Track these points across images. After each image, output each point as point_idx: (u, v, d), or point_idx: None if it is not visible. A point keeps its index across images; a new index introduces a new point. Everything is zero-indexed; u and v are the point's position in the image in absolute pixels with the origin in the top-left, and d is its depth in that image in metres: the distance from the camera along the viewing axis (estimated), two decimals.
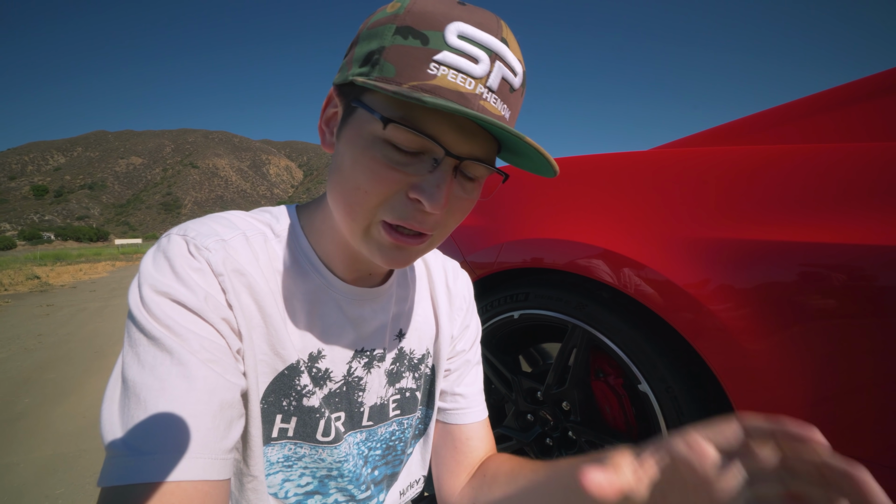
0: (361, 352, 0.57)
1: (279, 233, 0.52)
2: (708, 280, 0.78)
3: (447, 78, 0.38)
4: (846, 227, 0.68)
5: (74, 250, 43.41)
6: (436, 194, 0.41)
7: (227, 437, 0.40)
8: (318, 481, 0.55)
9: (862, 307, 0.64)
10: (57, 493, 1.61)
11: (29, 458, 1.86)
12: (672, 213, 0.88)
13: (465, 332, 0.69)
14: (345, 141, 0.44)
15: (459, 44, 0.38)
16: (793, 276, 0.70)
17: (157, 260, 0.43)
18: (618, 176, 1.04)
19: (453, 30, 0.38)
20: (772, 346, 0.71)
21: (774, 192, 0.77)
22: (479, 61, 0.38)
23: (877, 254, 0.63)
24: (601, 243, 0.94)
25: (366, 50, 0.41)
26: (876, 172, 0.70)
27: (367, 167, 0.41)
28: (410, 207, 0.43)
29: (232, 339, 0.44)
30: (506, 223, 1.21)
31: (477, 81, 0.39)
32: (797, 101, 0.98)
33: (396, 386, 0.62)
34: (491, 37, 0.39)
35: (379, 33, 0.40)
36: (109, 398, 0.38)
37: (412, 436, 0.65)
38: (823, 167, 0.75)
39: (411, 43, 0.38)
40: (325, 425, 0.54)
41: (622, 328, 0.94)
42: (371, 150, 0.41)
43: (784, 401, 0.71)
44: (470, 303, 0.70)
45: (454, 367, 0.68)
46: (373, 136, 0.41)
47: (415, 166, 0.41)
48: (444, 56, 0.38)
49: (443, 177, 0.41)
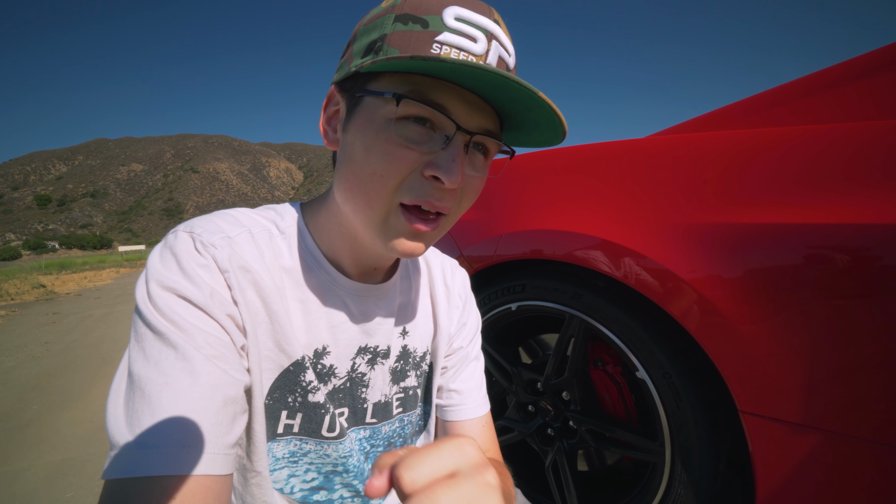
0: (365, 348, 0.57)
1: (284, 230, 0.53)
2: (703, 266, 0.78)
3: (451, 56, 0.40)
4: (843, 207, 0.67)
5: (79, 258, 43.59)
6: (452, 168, 0.42)
7: (230, 433, 0.40)
8: (323, 477, 0.56)
9: (859, 288, 0.64)
10: (67, 496, 1.62)
11: (38, 463, 1.88)
12: (667, 200, 0.88)
13: (462, 328, 0.69)
14: (354, 131, 0.45)
15: (457, 25, 0.40)
16: (789, 258, 0.70)
17: (164, 256, 0.44)
18: (613, 164, 1.04)
19: (450, 13, 0.40)
20: (769, 330, 0.71)
21: (770, 174, 0.77)
22: (476, 40, 0.41)
23: (874, 233, 0.63)
24: (599, 233, 0.94)
25: (366, 42, 0.43)
26: (871, 151, 0.70)
27: (382, 149, 0.42)
28: (428, 185, 0.43)
29: (237, 335, 0.45)
30: (503, 215, 1.21)
31: (477, 59, 0.41)
32: (788, 84, 0.97)
33: (401, 384, 0.62)
34: (485, 18, 0.42)
35: (378, 25, 0.42)
36: (115, 392, 0.39)
37: (412, 432, 0.65)
38: (818, 148, 0.75)
39: (412, 28, 0.40)
40: (330, 421, 0.54)
41: (619, 317, 0.95)
42: (384, 132, 0.42)
43: (781, 384, 0.71)
44: (467, 299, 0.70)
45: (451, 364, 0.68)
46: (384, 119, 0.42)
47: (428, 144, 0.42)
48: (445, 36, 0.40)
49: (456, 151, 0.42)
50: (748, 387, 0.74)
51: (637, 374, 0.92)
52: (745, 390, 0.75)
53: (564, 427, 1.11)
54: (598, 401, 1.08)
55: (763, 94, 1.02)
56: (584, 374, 1.07)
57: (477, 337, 0.71)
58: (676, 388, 0.87)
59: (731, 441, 0.86)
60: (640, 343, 0.92)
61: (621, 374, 1.08)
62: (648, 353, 0.90)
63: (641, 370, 0.91)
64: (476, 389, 0.68)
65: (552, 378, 1.10)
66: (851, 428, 0.66)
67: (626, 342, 0.94)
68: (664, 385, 0.88)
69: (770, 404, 0.72)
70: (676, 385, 0.87)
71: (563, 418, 1.11)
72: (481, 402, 0.68)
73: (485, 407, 0.68)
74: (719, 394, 0.84)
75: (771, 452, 0.73)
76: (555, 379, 1.09)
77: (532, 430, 1.16)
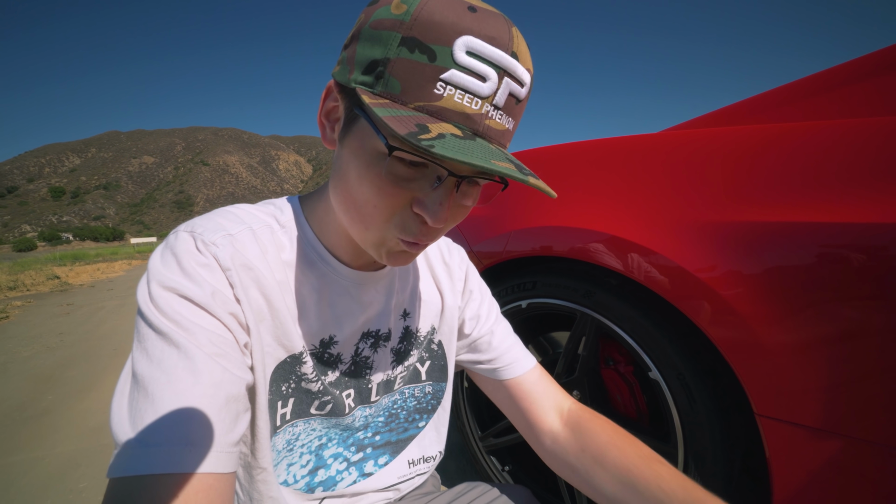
0: (368, 333, 0.59)
1: (284, 223, 0.53)
2: (719, 264, 0.76)
3: (454, 99, 0.37)
4: (866, 205, 0.65)
5: (92, 250, 44.36)
6: (439, 211, 0.42)
7: (232, 431, 0.40)
8: (315, 456, 0.57)
9: (881, 288, 0.62)
10: (81, 486, 1.66)
11: (53, 452, 1.92)
12: (680, 196, 0.86)
13: (469, 300, 0.69)
14: (348, 150, 0.44)
15: (468, 61, 0.36)
16: (809, 258, 0.67)
17: (165, 256, 0.44)
18: (625, 160, 1.01)
19: (462, 45, 0.36)
20: (787, 331, 0.69)
21: (789, 172, 0.74)
22: (486, 79, 0.37)
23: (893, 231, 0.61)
24: (611, 230, 0.92)
25: (369, 55, 0.39)
26: (887, 145, 0.67)
27: (373, 183, 0.42)
28: (417, 222, 0.44)
29: (239, 333, 0.45)
30: (513, 211, 1.19)
31: (483, 101, 0.38)
32: (798, 82, 0.94)
33: (405, 364, 0.64)
34: (501, 52, 0.37)
35: (383, 39, 0.38)
36: (120, 392, 0.39)
37: (418, 408, 0.67)
38: (834, 143, 0.72)
39: (417, 58, 0.37)
40: (336, 403, 0.56)
41: (631, 315, 0.93)
42: (375, 167, 0.41)
43: (800, 387, 0.69)
44: (467, 272, 0.71)
45: (476, 335, 0.68)
46: (377, 153, 0.41)
47: (418, 182, 0.42)
48: (451, 75, 0.36)
49: (445, 194, 0.42)
50: (765, 389, 0.72)
51: (650, 375, 0.90)
52: (761, 393, 0.73)
53: None
54: (609, 400, 1.07)
55: (772, 91, 0.99)
56: (596, 373, 1.06)
57: (489, 303, 0.72)
58: (690, 390, 0.85)
59: (746, 445, 0.84)
60: (653, 343, 0.90)
61: (633, 373, 1.06)
62: (662, 352, 0.88)
63: (654, 370, 0.89)
64: (517, 344, 0.69)
65: (563, 377, 1.09)
66: (873, 433, 0.64)
67: (638, 341, 0.92)
68: (678, 386, 0.86)
69: (788, 408, 0.70)
70: (690, 386, 0.85)
71: None
72: (527, 354, 0.68)
73: (531, 359, 0.68)
74: (735, 396, 0.83)
75: (788, 457, 0.72)
76: (565, 378, 1.08)
77: None
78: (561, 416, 0.63)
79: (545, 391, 0.65)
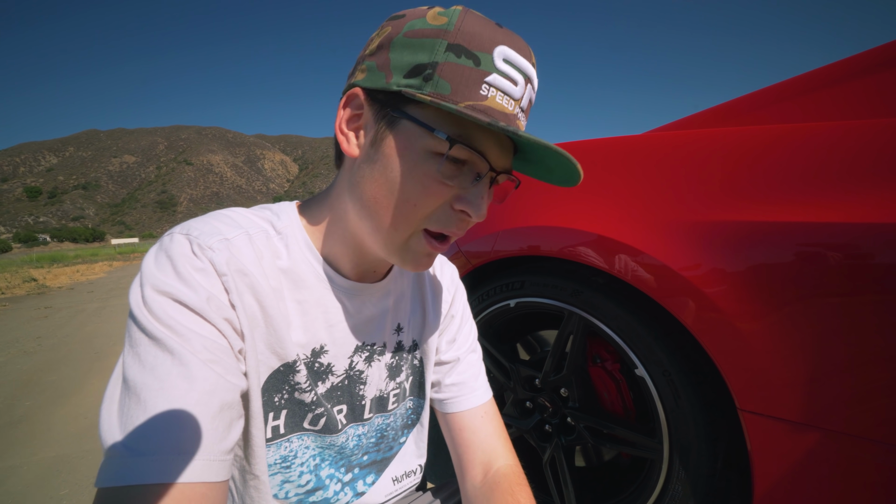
0: (363, 346, 0.58)
1: (281, 230, 0.52)
2: (702, 263, 0.78)
3: (496, 100, 0.42)
4: (845, 206, 0.67)
5: (71, 251, 43.21)
6: (481, 206, 0.46)
7: (226, 439, 0.40)
8: (315, 477, 0.56)
9: (860, 286, 0.64)
10: (61, 494, 1.61)
11: (31, 460, 1.87)
12: (667, 196, 0.87)
13: (451, 321, 0.69)
14: (388, 152, 0.45)
15: (505, 68, 0.42)
16: (790, 257, 0.69)
17: (160, 259, 0.43)
18: (613, 161, 1.03)
19: (499, 53, 0.42)
20: (769, 328, 0.71)
21: (770, 172, 0.76)
22: (517, 84, 0.43)
23: (878, 232, 0.62)
24: (597, 229, 0.94)
25: (411, 60, 0.42)
26: (878, 149, 0.69)
27: (420, 181, 0.44)
28: (455, 217, 0.47)
29: (234, 339, 0.44)
30: (501, 211, 1.20)
31: (516, 103, 0.44)
32: (795, 78, 0.96)
33: (396, 380, 0.63)
34: (527, 62, 0.44)
35: (427, 46, 0.42)
36: (109, 398, 0.38)
37: (402, 425, 0.66)
38: (822, 146, 0.74)
39: (464, 62, 0.41)
40: (329, 418, 0.55)
41: (618, 314, 0.94)
42: (424, 165, 0.44)
43: (781, 383, 0.71)
44: (455, 293, 0.71)
45: (446, 358, 0.68)
46: (426, 151, 0.44)
47: (459, 179, 0.45)
48: (494, 78, 0.42)
49: (484, 188, 0.47)
50: (747, 385, 0.74)
51: (636, 372, 0.92)
52: (744, 388, 0.75)
53: (562, 424, 1.11)
54: (597, 398, 1.08)
55: (769, 88, 1.00)
56: (583, 370, 1.07)
57: (468, 328, 0.71)
58: (675, 386, 0.86)
59: (729, 439, 0.86)
60: (639, 340, 0.91)
61: (620, 371, 1.08)
62: (648, 350, 0.90)
63: (640, 367, 0.91)
64: (473, 378, 0.68)
65: (551, 375, 1.10)
66: (852, 427, 0.66)
67: (625, 339, 0.93)
68: (663, 382, 0.88)
69: (769, 402, 0.72)
70: (675, 382, 0.86)
71: (562, 415, 1.11)
72: (481, 390, 0.67)
73: (486, 395, 0.67)
74: (718, 392, 0.84)
75: (769, 451, 0.74)
76: (553, 376, 1.09)
77: (530, 426, 1.16)
78: (486, 473, 0.61)
79: (482, 440, 0.63)
